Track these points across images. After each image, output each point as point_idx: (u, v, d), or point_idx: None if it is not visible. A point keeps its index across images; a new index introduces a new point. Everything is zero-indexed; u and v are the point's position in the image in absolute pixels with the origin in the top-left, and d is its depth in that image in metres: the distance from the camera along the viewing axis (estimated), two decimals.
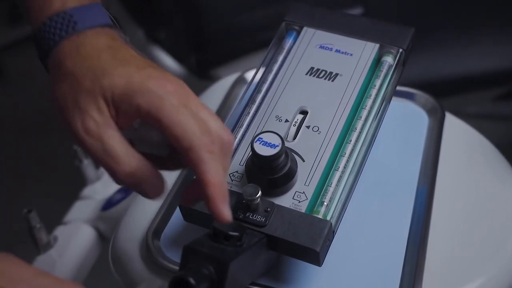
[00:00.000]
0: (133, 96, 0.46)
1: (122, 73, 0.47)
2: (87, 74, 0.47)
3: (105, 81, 0.47)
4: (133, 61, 0.48)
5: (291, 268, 0.55)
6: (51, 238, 0.76)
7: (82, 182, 0.85)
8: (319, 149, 0.55)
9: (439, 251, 0.58)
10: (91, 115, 0.46)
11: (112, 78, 0.47)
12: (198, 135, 0.46)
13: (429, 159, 0.65)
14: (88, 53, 0.48)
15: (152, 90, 0.46)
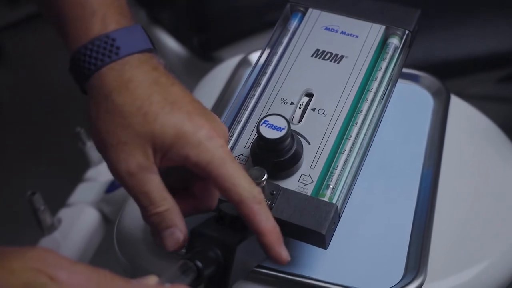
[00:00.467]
0: (184, 147, 0.47)
1: (174, 122, 0.47)
2: (138, 117, 0.47)
3: (157, 129, 0.47)
4: (183, 105, 0.49)
5: (296, 250, 0.55)
6: (55, 220, 0.77)
7: (85, 164, 0.85)
8: (325, 132, 0.55)
9: (445, 234, 0.58)
10: (137, 160, 0.47)
11: (164, 127, 0.47)
12: (247, 188, 0.47)
13: (434, 141, 0.65)
14: (138, 92, 0.48)
15: (203, 143, 0.47)
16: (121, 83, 0.48)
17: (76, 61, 0.50)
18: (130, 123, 0.47)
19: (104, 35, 0.49)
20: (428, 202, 0.59)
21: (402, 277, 0.54)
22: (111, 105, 0.48)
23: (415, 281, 0.53)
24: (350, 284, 0.53)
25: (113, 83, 0.48)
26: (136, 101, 0.48)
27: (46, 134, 1.56)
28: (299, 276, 0.53)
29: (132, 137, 0.47)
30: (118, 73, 0.49)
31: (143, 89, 0.48)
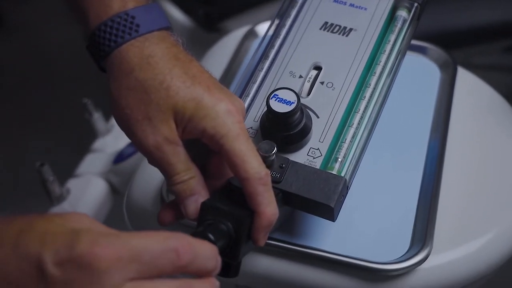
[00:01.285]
0: (202, 120, 0.48)
1: (194, 95, 0.49)
2: (160, 91, 0.48)
3: (179, 103, 0.48)
4: (203, 80, 0.50)
5: (304, 222, 0.56)
6: (63, 191, 0.77)
7: (92, 135, 0.86)
8: (333, 106, 0.55)
9: (451, 205, 0.59)
10: (162, 132, 0.48)
11: (185, 100, 0.48)
12: (255, 167, 0.47)
13: (441, 113, 0.65)
14: (159, 67, 0.49)
15: (221, 117, 0.48)
16: (142, 59, 0.49)
17: (96, 38, 0.50)
18: (154, 98, 0.48)
19: (124, 12, 0.50)
20: (435, 174, 0.60)
21: (408, 249, 0.55)
22: (133, 81, 0.49)
23: (421, 253, 0.54)
24: (357, 255, 0.54)
25: (134, 59, 0.49)
26: (158, 75, 0.49)
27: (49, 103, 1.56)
28: (307, 248, 0.54)
29: (156, 112, 0.48)
30: (139, 50, 0.50)
31: (164, 64, 0.49)
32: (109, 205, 0.79)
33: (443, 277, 0.55)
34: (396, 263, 0.53)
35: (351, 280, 0.54)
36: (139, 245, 0.38)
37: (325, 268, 0.54)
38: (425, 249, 0.54)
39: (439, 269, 0.55)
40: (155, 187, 0.60)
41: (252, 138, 0.55)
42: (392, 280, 0.54)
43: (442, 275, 0.55)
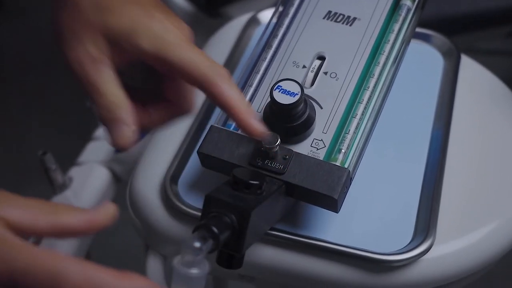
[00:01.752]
0: (139, 38, 0.46)
1: (128, 13, 0.47)
2: (92, 8, 0.47)
3: (110, 20, 0.47)
4: (145, 2, 0.48)
5: (307, 213, 0.56)
6: (66, 179, 0.77)
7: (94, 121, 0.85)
8: (337, 96, 0.55)
9: (454, 195, 0.59)
10: (87, 48, 0.46)
11: (119, 17, 0.47)
12: (210, 66, 0.47)
13: (444, 102, 0.65)
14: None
15: (158, 34, 0.47)
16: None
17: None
18: (83, 15, 0.47)
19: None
20: (438, 164, 0.60)
21: (411, 239, 0.55)
22: (69, 2, 0.48)
23: (424, 244, 0.54)
24: (360, 246, 0.54)
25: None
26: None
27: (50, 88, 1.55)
28: (309, 238, 0.54)
29: (84, 26, 0.47)
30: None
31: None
32: (112, 193, 0.79)
33: (445, 268, 0.55)
34: (399, 254, 0.53)
35: (354, 271, 0.54)
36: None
37: (328, 259, 0.54)
38: (428, 240, 0.54)
39: (442, 260, 0.55)
40: (158, 176, 0.60)
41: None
42: (394, 271, 0.54)
43: (444, 265, 0.55)
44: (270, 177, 0.51)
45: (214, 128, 0.54)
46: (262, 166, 0.52)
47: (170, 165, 0.60)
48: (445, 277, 0.55)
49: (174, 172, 0.59)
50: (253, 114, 0.48)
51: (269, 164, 0.52)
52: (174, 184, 0.59)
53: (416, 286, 0.55)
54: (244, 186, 0.48)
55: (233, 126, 0.55)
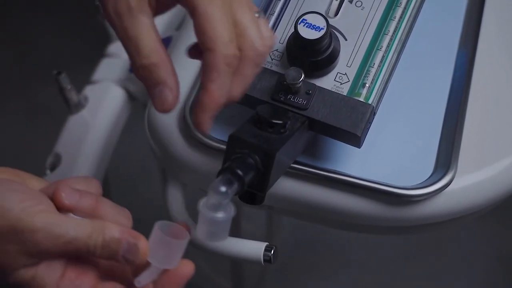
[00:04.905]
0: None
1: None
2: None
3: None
4: None
5: (328, 146, 0.56)
6: (81, 98, 0.77)
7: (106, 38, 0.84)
8: (362, 27, 0.53)
9: (477, 126, 0.58)
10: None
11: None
12: (224, 41, 0.43)
13: (470, 26, 0.62)
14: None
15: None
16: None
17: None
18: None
19: None
20: (462, 92, 0.58)
21: (432, 172, 0.55)
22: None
23: (445, 178, 0.54)
24: (380, 179, 0.54)
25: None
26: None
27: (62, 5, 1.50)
28: (330, 171, 0.54)
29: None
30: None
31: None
32: (128, 112, 0.78)
33: (465, 200, 0.56)
34: (420, 188, 0.53)
35: (374, 204, 0.54)
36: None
37: (348, 192, 0.54)
38: (449, 174, 0.54)
39: (462, 192, 0.55)
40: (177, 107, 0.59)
41: (277, 61, 0.53)
42: (415, 204, 0.54)
43: (464, 198, 0.56)
44: (293, 113, 0.51)
45: None
46: (285, 101, 0.51)
47: (189, 93, 0.59)
48: (464, 209, 0.56)
49: (194, 101, 0.58)
50: (213, 112, 0.44)
51: (292, 99, 0.51)
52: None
53: (435, 218, 0.55)
54: (268, 125, 0.48)
55: None
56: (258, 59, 0.45)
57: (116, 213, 0.47)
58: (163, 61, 0.44)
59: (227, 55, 0.43)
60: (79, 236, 0.43)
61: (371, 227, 0.57)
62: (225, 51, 0.43)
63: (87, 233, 0.44)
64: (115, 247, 0.44)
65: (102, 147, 0.73)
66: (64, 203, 0.45)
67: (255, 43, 0.44)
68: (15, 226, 0.42)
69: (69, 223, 0.43)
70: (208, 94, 0.44)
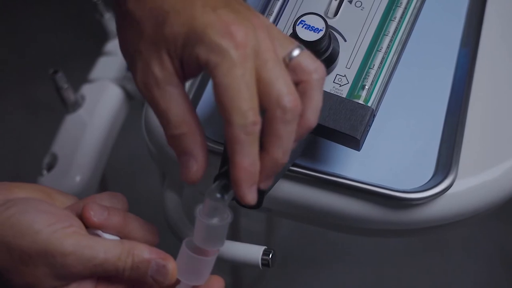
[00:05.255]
0: (194, 46, 0.41)
1: (184, 19, 0.41)
2: (149, 20, 0.42)
3: (167, 30, 0.42)
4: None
5: (327, 148, 0.55)
6: (78, 97, 0.76)
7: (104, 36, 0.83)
8: (362, 28, 0.52)
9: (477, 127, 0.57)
10: (152, 70, 0.42)
11: (173, 26, 0.42)
12: (242, 111, 0.40)
13: (472, 24, 0.62)
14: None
15: (214, 40, 0.40)
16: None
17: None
18: (143, 29, 0.43)
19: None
20: (463, 94, 0.58)
21: (433, 175, 0.54)
22: (125, 11, 0.44)
23: (446, 181, 0.53)
24: (379, 182, 0.53)
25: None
26: (149, 3, 0.43)
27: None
28: (329, 174, 0.54)
29: (146, 45, 0.43)
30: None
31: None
32: (125, 111, 0.78)
33: (465, 203, 0.55)
34: (420, 192, 0.53)
35: (374, 207, 0.54)
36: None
37: (348, 195, 0.54)
38: (449, 177, 0.53)
39: (462, 195, 0.55)
40: None
41: None
42: (415, 207, 0.54)
43: (465, 200, 0.55)
44: None
45: None
46: None
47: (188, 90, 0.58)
48: (464, 212, 0.55)
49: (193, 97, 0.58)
50: (251, 182, 0.42)
51: None
52: None
53: (436, 221, 0.55)
54: None
55: None
56: (287, 117, 0.41)
57: (143, 229, 0.47)
58: (192, 131, 0.43)
59: (245, 124, 0.41)
60: (109, 259, 0.43)
61: (371, 230, 0.56)
62: (243, 121, 0.41)
63: (117, 255, 0.43)
64: (144, 269, 0.44)
65: (100, 147, 0.73)
66: (93, 221, 0.45)
67: (281, 101, 0.41)
68: (45, 249, 0.42)
69: (99, 246, 0.43)
70: (236, 168, 0.42)
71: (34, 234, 0.42)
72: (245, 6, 0.44)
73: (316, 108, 0.44)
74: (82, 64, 0.87)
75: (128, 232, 0.46)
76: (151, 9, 0.43)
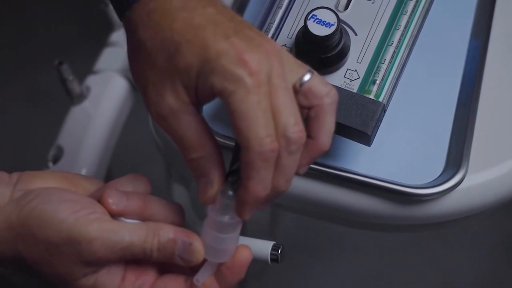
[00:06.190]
0: (208, 76, 0.41)
1: (196, 49, 0.41)
2: (161, 51, 0.42)
3: (180, 61, 0.41)
4: (211, 27, 0.42)
5: (337, 143, 0.55)
6: (83, 88, 0.76)
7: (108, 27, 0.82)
8: (373, 22, 0.52)
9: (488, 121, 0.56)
10: (167, 101, 0.42)
11: (185, 57, 0.41)
12: (260, 137, 0.40)
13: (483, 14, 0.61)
14: (160, 22, 0.42)
15: (228, 69, 0.40)
16: (143, 14, 0.43)
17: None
18: (156, 61, 0.42)
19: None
20: (473, 87, 0.57)
21: (443, 170, 0.54)
22: (137, 41, 0.43)
23: (456, 176, 0.53)
24: (390, 178, 0.53)
25: (138, 16, 0.43)
26: (159, 33, 0.42)
27: None
28: (339, 170, 0.53)
29: (159, 76, 0.42)
30: (144, 6, 0.43)
31: (166, 17, 0.42)
32: (131, 103, 0.77)
33: (478, 198, 0.55)
34: (430, 188, 0.52)
35: (383, 203, 0.53)
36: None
37: (358, 191, 0.54)
38: (460, 172, 0.53)
39: (474, 190, 0.54)
40: None
41: None
42: (426, 203, 0.53)
43: (477, 196, 0.55)
44: None
45: None
46: None
47: None
48: (474, 208, 0.55)
49: None
50: (253, 207, 0.43)
51: None
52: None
53: (445, 217, 0.55)
54: None
55: None
56: (291, 148, 0.42)
57: (166, 210, 0.46)
58: (210, 154, 0.43)
59: (262, 151, 0.41)
60: (134, 241, 0.43)
61: (380, 225, 0.56)
62: (260, 147, 0.40)
63: (143, 238, 0.43)
64: (170, 249, 0.44)
65: (105, 139, 0.72)
66: (112, 209, 0.44)
67: (287, 131, 0.41)
68: (71, 237, 0.42)
69: (123, 229, 0.43)
70: (246, 191, 0.42)
71: (58, 223, 0.42)
72: (255, 31, 0.43)
73: (329, 132, 0.44)
74: (87, 55, 0.86)
75: (150, 215, 0.45)
76: (162, 40, 0.42)
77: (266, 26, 0.52)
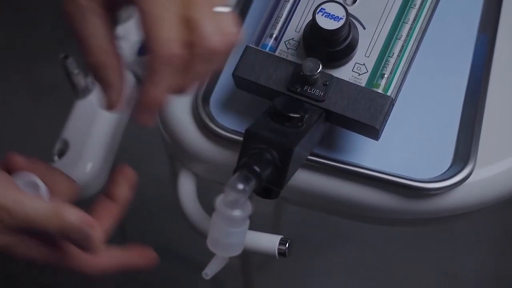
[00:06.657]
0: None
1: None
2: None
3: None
4: None
5: (344, 137, 0.55)
6: (88, 82, 0.75)
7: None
8: (381, 15, 0.52)
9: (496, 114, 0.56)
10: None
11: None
12: (164, 38, 0.40)
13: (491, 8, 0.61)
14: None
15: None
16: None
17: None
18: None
19: None
20: (481, 80, 0.57)
21: (451, 164, 0.54)
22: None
23: (464, 171, 0.53)
24: (398, 172, 0.53)
25: None
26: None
27: None
28: (346, 163, 0.53)
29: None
30: None
31: None
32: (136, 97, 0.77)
33: (486, 192, 0.55)
34: (438, 182, 0.52)
35: (391, 197, 0.53)
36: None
37: (365, 184, 0.53)
38: (469, 166, 0.53)
39: (482, 184, 0.54)
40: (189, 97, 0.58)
41: (293, 50, 0.52)
42: (433, 197, 0.53)
43: (482, 190, 0.54)
44: (310, 105, 0.49)
45: (250, 49, 0.52)
46: (301, 92, 0.50)
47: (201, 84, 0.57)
48: (483, 201, 0.55)
49: (206, 90, 0.57)
50: (153, 110, 0.43)
51: (309, 91, 0.50)
52: (205, 103, 0.57)
53: (453, 211, 0.54)
54: (285, 119, 0.46)
55: (269, 46, 0.52)
56: (211, 56, 0.42)
57: (67, 180, 0.50)
58: (110, 61, 0.43)
59: (165, 54, 0.40)
60: (38, 219, 0.44)
61: (388, 219, 0.56)
62: (163, 50, 0.40)
63: (45, 216, 0.45)
64: (71, 234, 0.45)
65: (111, 133, 0.72)
66: (17, 161, 0.48)
67: (208, 39, 0.41)
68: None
69: (29, 203, 0.45)
70: (144, 93, 0.42)
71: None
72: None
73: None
74: None
75: (53, 181, 0.48)
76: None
77: (274, 19, 0.52)
